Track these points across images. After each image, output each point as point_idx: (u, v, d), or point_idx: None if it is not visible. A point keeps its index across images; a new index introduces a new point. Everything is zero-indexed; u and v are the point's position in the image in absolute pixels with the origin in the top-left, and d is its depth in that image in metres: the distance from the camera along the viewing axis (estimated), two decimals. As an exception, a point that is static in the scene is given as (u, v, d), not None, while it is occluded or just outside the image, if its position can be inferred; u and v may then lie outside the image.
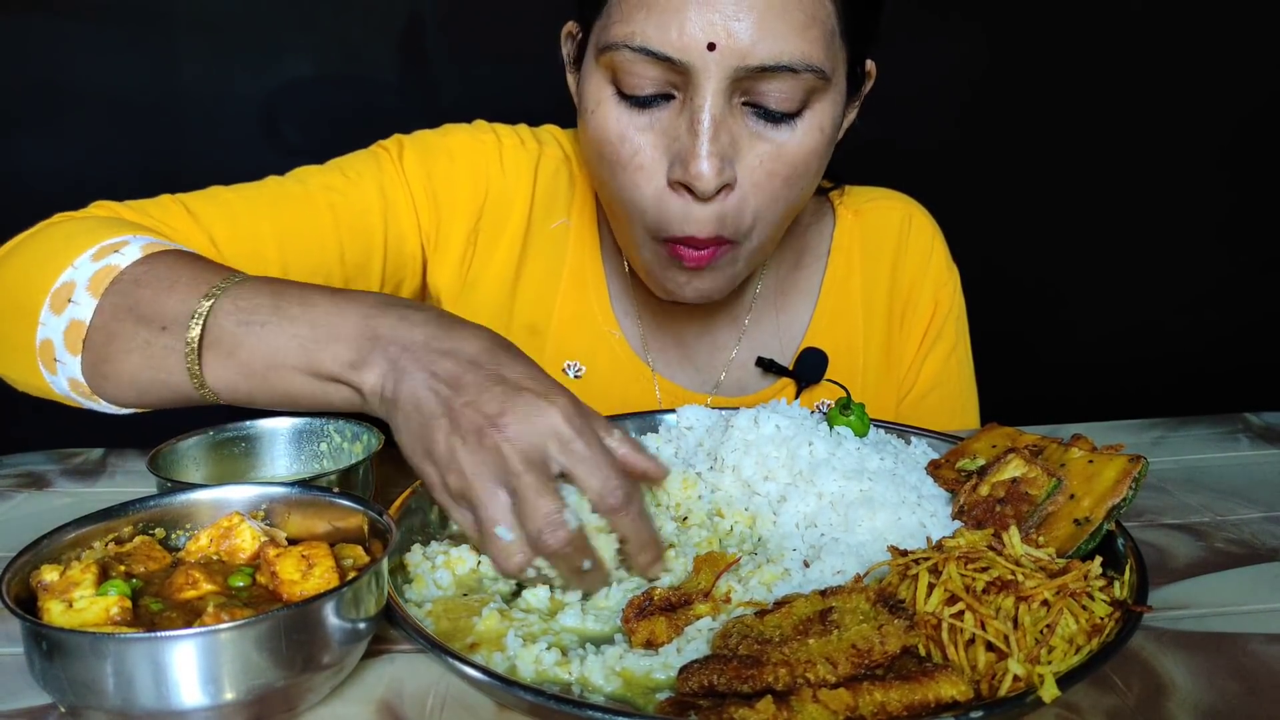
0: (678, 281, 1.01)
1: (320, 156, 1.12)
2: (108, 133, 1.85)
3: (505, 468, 0.68)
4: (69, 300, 0.84)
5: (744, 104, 0.92)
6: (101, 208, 0.98)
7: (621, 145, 0.94)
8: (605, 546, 0.72)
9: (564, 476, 0.71)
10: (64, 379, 0.86)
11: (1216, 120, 2.18)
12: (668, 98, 0.92)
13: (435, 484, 0.72)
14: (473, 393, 0.70)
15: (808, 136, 0.94)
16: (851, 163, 1.16)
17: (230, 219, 1.00)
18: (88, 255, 0.86)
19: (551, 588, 0.73)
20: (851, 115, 1.06)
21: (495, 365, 0.72)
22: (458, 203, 1.12)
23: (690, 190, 0.92)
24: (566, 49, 1.05)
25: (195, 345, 0.80)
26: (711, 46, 0.87)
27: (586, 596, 0.73)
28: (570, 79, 1.06)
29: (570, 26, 1.03)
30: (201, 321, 0.80)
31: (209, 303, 0.80)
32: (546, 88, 1.19)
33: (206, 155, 1.89)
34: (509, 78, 1.91)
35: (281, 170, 1.09)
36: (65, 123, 1.84)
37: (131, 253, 0.86)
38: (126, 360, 0.83)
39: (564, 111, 1.19)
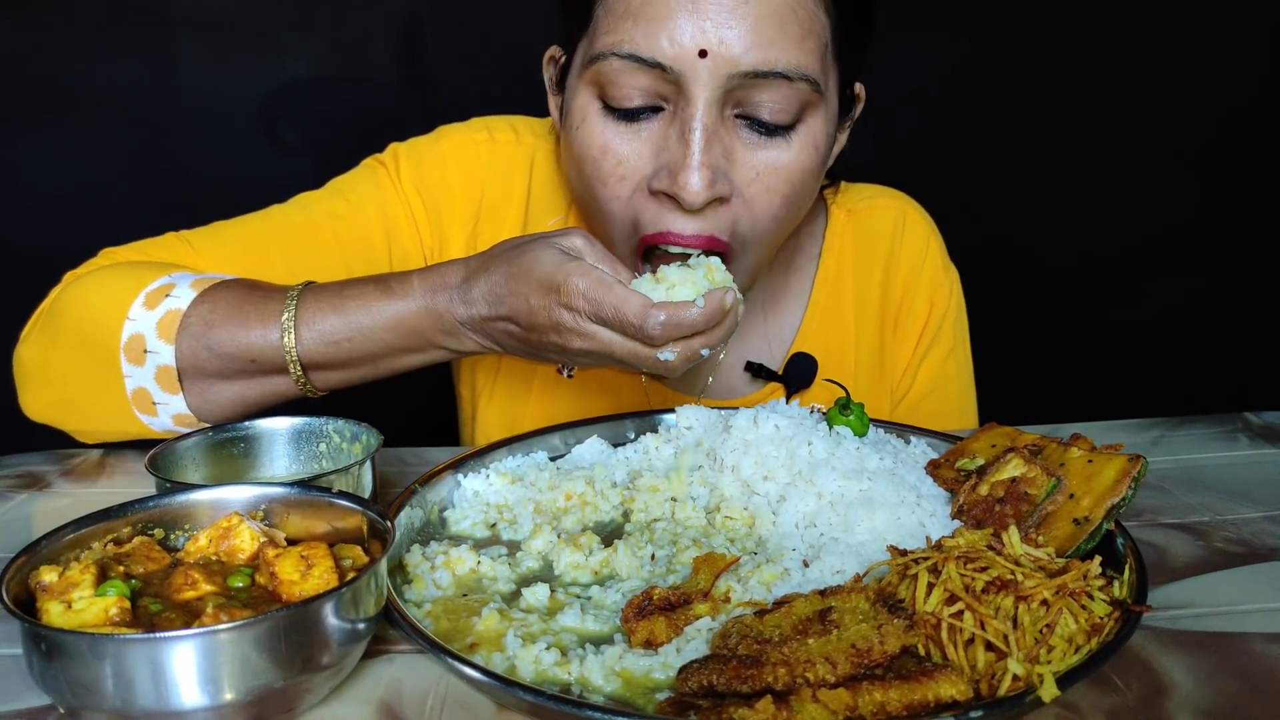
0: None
1: (319, 156, 1.12)
2: (107, 132, 1.85)
3: (600, 317, 0.81)
4: (145, 350, 0.91)
5: (737, 116, 0.90)
6: (108, 257, 1.02)
7: (604, 157, 0.92)
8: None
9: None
10: (167, 417, 0.94)
11: (1216, 120, 2.19)
12: (656, 110, 0.91)
13: (588, 363, 0.86)
14: (535, 329, 0.84)
15: (803, 152, 0.92)
16: (857, 163, 1.15)
17: (238, 255, 1.04)
18: (139, 304, 0.92)
19: (552, 589, 0.74)
20: (842, 139, 1.05)
21: (523, 300, 0.84)
22: (454, 209, 1.12)
23: (676, 201, 0.89)
24: (549, 74, 1.04)
25: (299, 372, 0.92)
26: (703, 53, 0.85)
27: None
28: (552, 103, 1.05)
29: (553, 51, 1.03)
30: (295, 354, 0.90)
31: (289, 337, 0.90)
32: (545, 88, 1.19)
33: (206, 155, 1.88)
34: (507, 78, 1.90)
35: (279, 171, 1.09)
36: (65, 123, 1.84)
37: (184, 293, 0.93)
38: (229, 389, 0.93)
39: (563, 111, 1.19)
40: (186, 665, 0.54)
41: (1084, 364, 2.28)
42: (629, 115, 0.91)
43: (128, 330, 0.91)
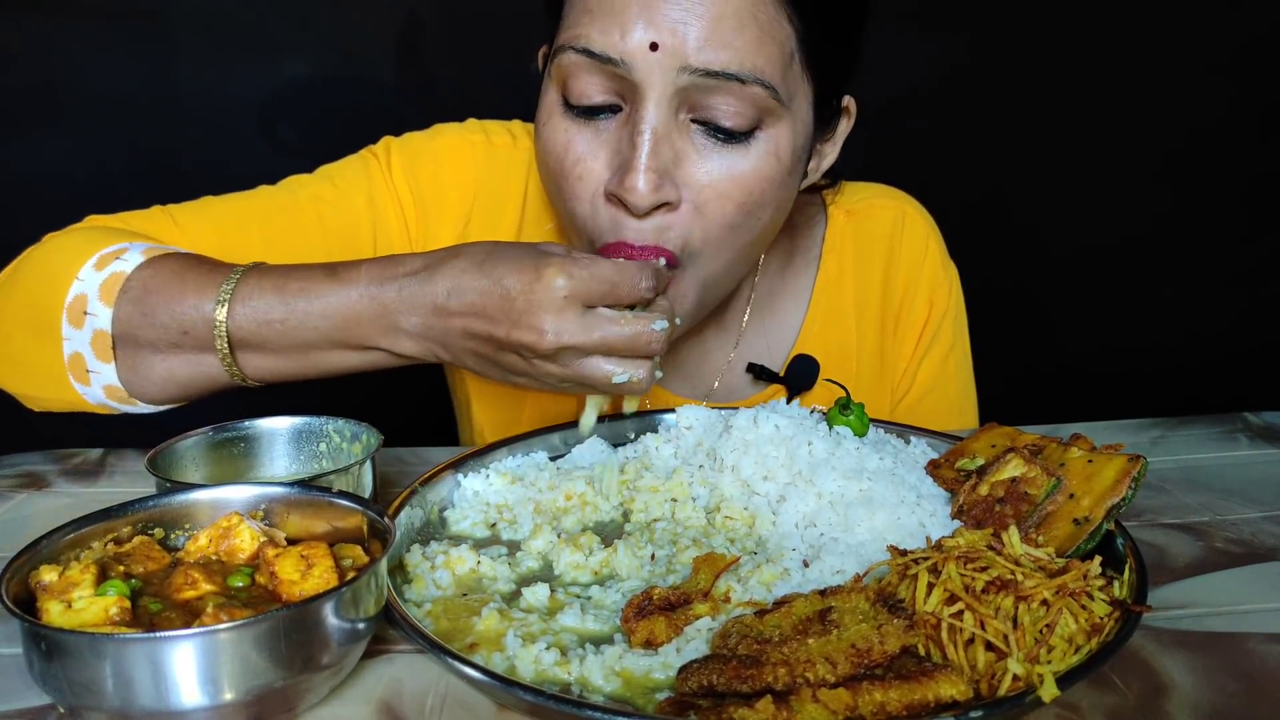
0: None
1: (318, 156, 1.12)
2: (107, 132, 1.85)
3: (583, 350, 0.77)
4: (84, 313, 0.87)
5: (692, 120, 0.88)
6: (90, 222, 1.00)
7: (565, 156, 0.91)
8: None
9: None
10: (99, 388, 0.90)
11: (1217, 119, 2.19)
12: (615, 109, 0.90)
13: (540, 387, 0.81)
14: (502, 319, 0.77)
15: (762, 161, 0.90)
16: (856, 162, 1.15)
17: (218, 230, 1.01)
18: (90, 265, 0.89)
19: (552, 589, 0.74)
20: (831, 153, 1.04)
21: (496, 284, 0.78)
22: (445, 207, 1.11)
23: (625, 205, 0.88)
24: (541, 70, 1.04)
25: (226, 349, 0.86)
26: (654, 46, 0.84)
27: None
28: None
29: (544, 48, 1.02)
30: (224, 328, 0.85)
31: (223, 309, 0.85)
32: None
33: (205, 154, 1.89)
34: (506, 78, 1.90)
35: (278, 170, 1.09)
36: (65, 122, 1.84)
37: (133, 258, 0.89)
38: (162, 362, 0.89)
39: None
40: (186, 665, 0.54)
41: (1084, 364, 2.29)
42: (588, 113, 0.90)
43: (73, 290, 0.88)
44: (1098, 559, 0.70)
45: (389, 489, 0.92)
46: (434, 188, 1.10)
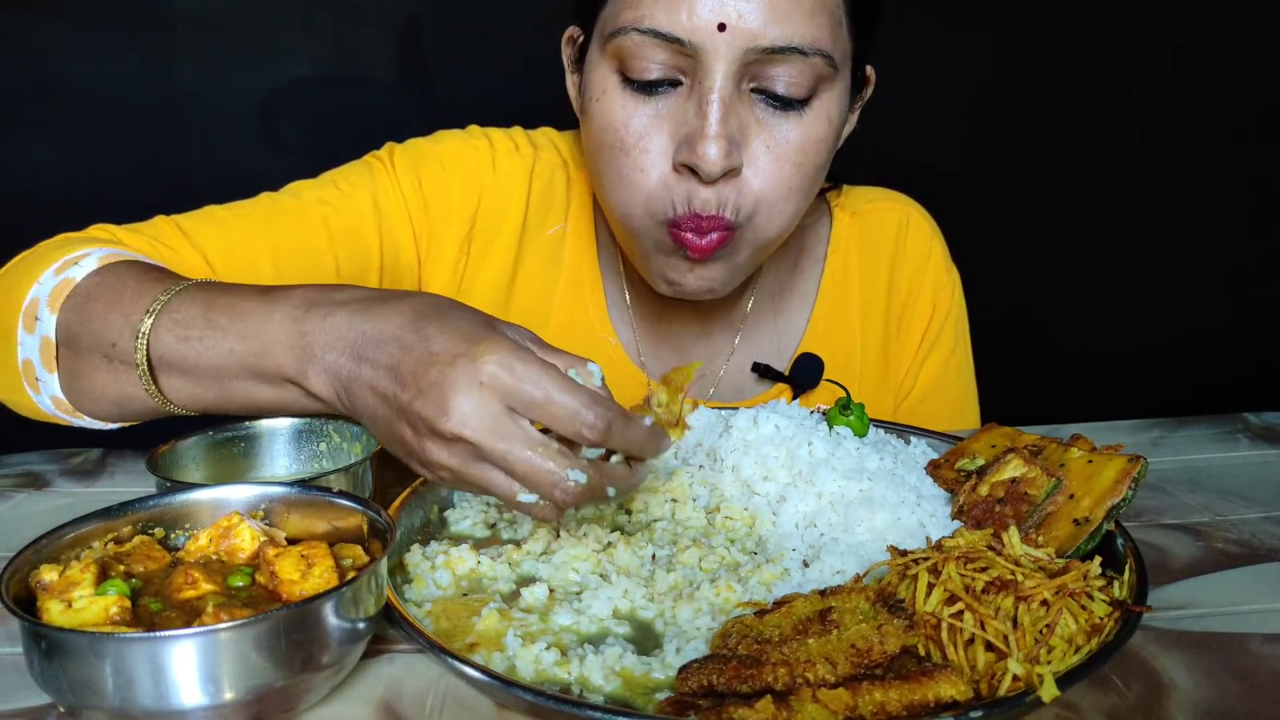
0: (680, 271, 0.99)
1: (319, 156, 1.12)
2: (107, 132, 1.85)
3: (480, 453, 0.66)
4: (35, 318, 0.85)
5: (752, 90, 0.92)
6: (100, 229, 0.99)
7: (626, 131, 0.93)
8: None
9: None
10: (47, 397, 0.87)
11: (1216, 120, 2.19)
12: (674, 84, 0.92)
13: (434, 479, 0.71)
14: (412, 384, 0.67)
15: (816, 125, 0.94)
16: (851, 164, 1.15)
17: (224, 237, 1.01)
18: (51, 271, 0.87)
19: (552, 589, 0.74)
20: (852, 120, 1.06)
21: (424, 342, 0.68)
22: (450, 210, 1.11)
23: (695, 172, 0.91)
24: (567, 54, 1.05)
25: (144, 365, 0.80)
26: (722, 27, 0.87)
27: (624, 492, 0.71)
28: (571, 82, 1.05)
29: (572, 31, 1.03)
30: (145, 341, 0.80)
31: (149, 320, 0.80)
32: (544, 88, 1.18)
33: (206, 155, 1.89)
34: (507, 78, 1.91)
35: (278, 170, 1.09)
36: (65, 123, 1.84)
37: (89, 264, 0.86)
38: (94, 378, 0.84)
39: (562, 113, 1.19)
40: (186, 664, 0.54)
41: (1084, 364, 2.29)
42: (648, 88, 0.92)
43: (30, 295, 0.85)
44: (1098, 559, 0.70)
45: (389, 489, 0.92)
46: (439, 191, 1.11)
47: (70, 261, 0.87)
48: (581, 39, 1.01)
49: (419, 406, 0.66)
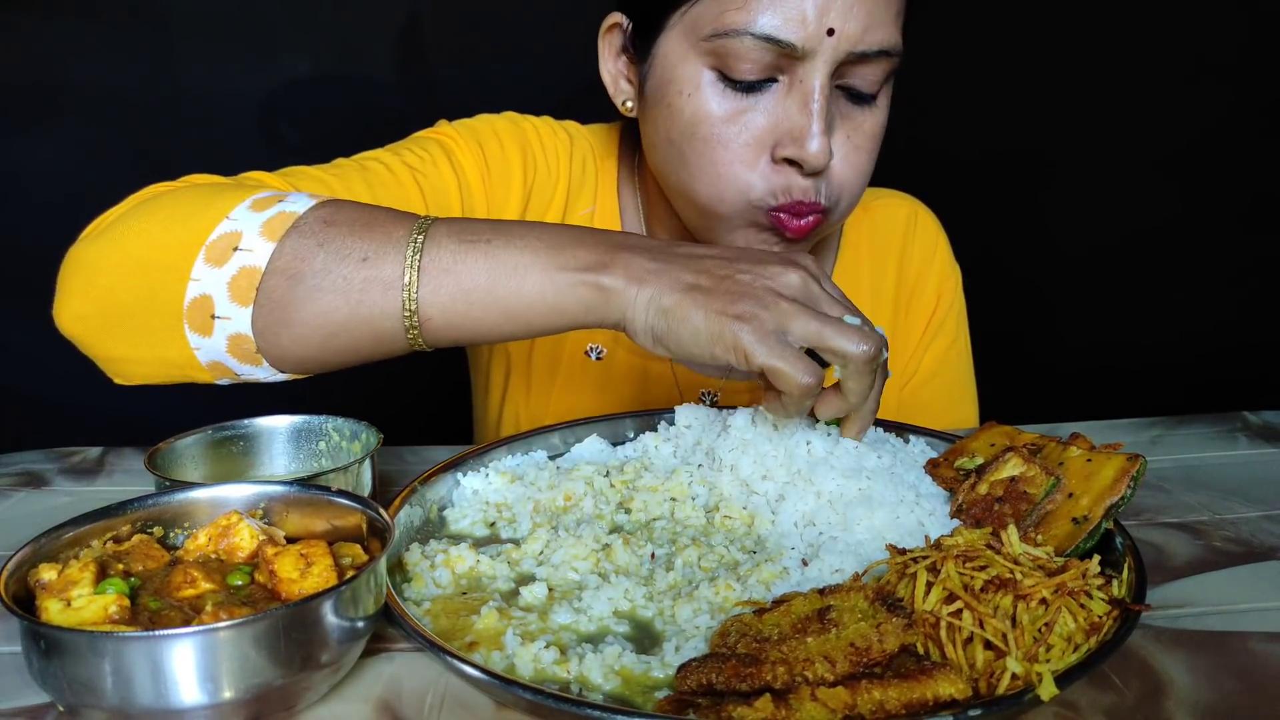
0: (770, 246, 1.02)
1: (319, 156, 1.12)
2: (107, 132, 1.85)
3: (809, 290, 0.78)
4: (235, 249, 0.78)
5: (837, 86, 0.96)
6: (249, 176, 0.95)
7: (726, 125, 0.96)
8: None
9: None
10: (223, 337, 0.79)
11: (1216, 118, 2.18)
12: (771, 81, 0.95)
13: (752, 339, 0.74)
14: (740, 260, 0.78)
15: (882, 114, 1.00)
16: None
17: (349, 194, 0.97)
18: (244, 207, 0.80)
19: (551, 588, 0.74)
20: None
21: (735, 261, 0.79)
22: (511, 180, 1.14)
23: (798, 165, 0.95)
24: (611, 40, 1.06)
25: (416, 262, 0.76)
26: (831, 32, 0.91)
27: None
28: (615, 68, 1.06)
29: (617, 18, 1.04)
30: (420, 244, 0.77)
31: (419, 235, 0.77)
32: (545, 86, 1.19)
33: (206, 154, 1.88)
34: (507, 77, 1.91)
35: (280, 168, 1.08)
36: (65, 122, 1.84)
37: (302, 200, 0.81)
38: (317, 301, 0.77)
39: (563, 111, 1.20)
40: (186, 663, 0.54)
41: (1083, 363, 2.29)
42: (748, 87, 0.96)
43: (221, 228, 0.78)
44: (1096, 558, 0.70)
45: (388, 487, 0.92)
46: (501, 162, 1.13)
47: (272, 199, 0.81)
48: (631, 28, 1.02)
49: (758, 269, 0.78)
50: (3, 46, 1.78)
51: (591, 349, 1.19)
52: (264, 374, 0.82)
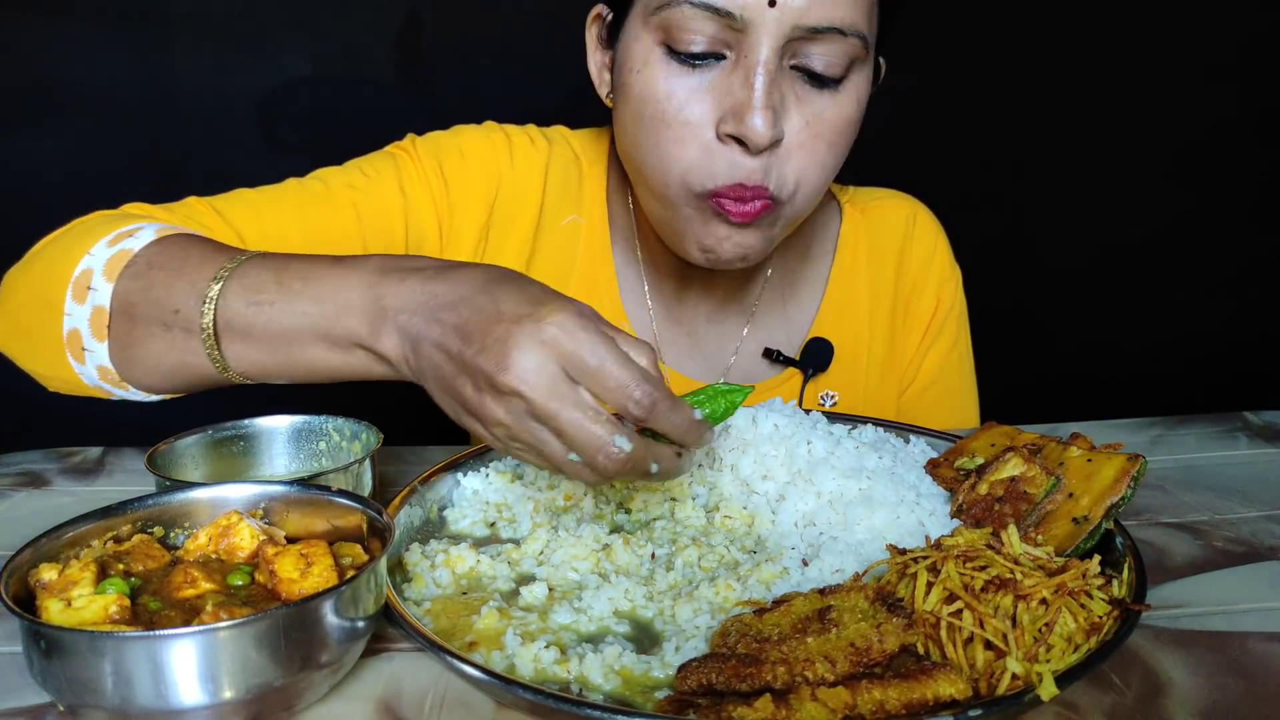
0: (718, 236, 0.99)
1: (319, 155, 1.12)
2: (107, 132, 1.85)
3: (534, 410, 0.68)
4: (88, 287, 0.85)
5: (792, 67, 0.94)
6: (135, 208, 0.99)
7: (669, 101, 0.95)
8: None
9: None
10: (93, 367, 0.87)
11: (1215, 118, 2.18)
12: (719, 57, 0.94)
13: (485, 437, 0.72)
14: (478, 340, 0.69)
15: (848, 104, 0.97)
16: (854, 162, 1.15)
17: (258, 218, 1.01)
18: (103, 243, 0.87)
19: (551, 587, 0.74)
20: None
21: (493, 302, 0.70)
22: (470, 199, 1.13)
23: (741, 143, 0.93)
24: (593, 32, 1.06)
25: (210, 330, 0.81)
26: (772, 3, 0.89)
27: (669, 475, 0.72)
28: (596, 62, 1.07)
29: (599, 9, 1.04)
30: (213, 306, 0.80)
31: (217, 286, 0.81)
32: (545, 87, 1.19)
33: (205, 154, 1.88)
34: (507, 77, 1.91)
35: (278, 170, 1.09)
36: (65, 122, 1.84)
37: (145, 236, 0.87)
38: (150, 345, 0.84)
39: (563, 111, 1.19)
40: (186, 663, 0.54)
41: (1083, 363, 2.29)
42: (692, 60, 0.94)
43: (81, 265, 0.86)
44: (1097, 558, 0.70)
45: (388, 487, 0.92)
46: (460, 179, 1.12)
47: (125, 234, 0.87)
48: (610, 17, 1.02)
49: (481, 360, 0.68)
50: (3, 46, 1.78)
51: None
52: (139, 396, 0.90)
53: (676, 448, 0.72)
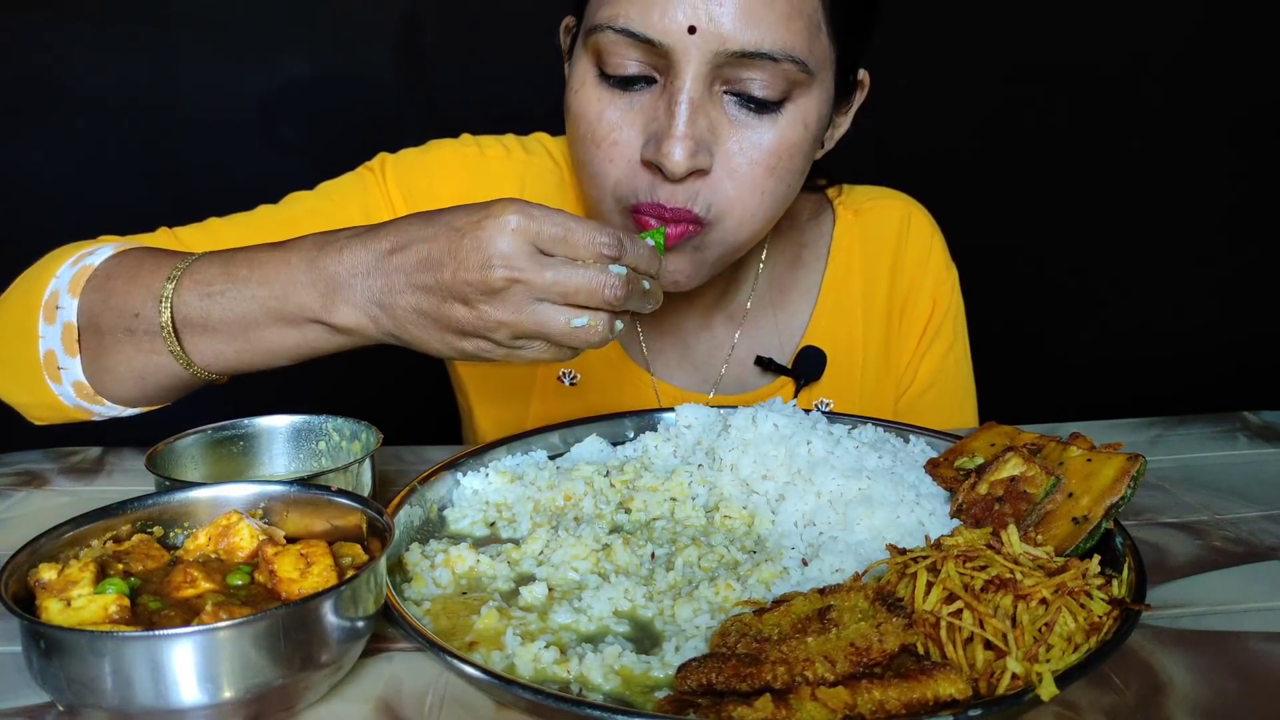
0: None
1: (318, 156, 1.12)
2: (107, 132, 1.85)
3: (532, 290, 0.71)
4: (57, 307, 0.89)
5: (725, 92, 0.92)
6: (104, 239, 1.01)
7: (599, 123, 0.95)
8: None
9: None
10: (69, 385, 0.90)
11: (1217, 120, 2.19)
12: (650, 81, 0.93)
13: (490, 351, 0.74)
14: (449, 260, 0.72)
15: (791, 130, 0.94)
16: (853, 161, 1.16)
17: (216, 245, 1.01)
18: (68, 264, 0.91)
19: (551, 588, 0.74)
20: (844, 124, 1.06)
21: (442, 226, 0.74)
22: None
23: (661, 170, 0.91)
24: (565, 43, 1.06)
25: (169, 327, 0.84)
26: (692, 30, 0.87)
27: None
28: (567, 71, 1.06)
29: (568, 20, 1.04)
30: (169, 304, 0.84)
31: (171, 285, 0.84)
32: (543, 88, 1.18)
33: (205, 154, 1.88)
34: (505, 78, 1.91)
35: (278, 170, 1.09)
36: (65, 122, 1.84)
37: (104, 252, 0.91)
38: (117, 353, 0.87)
39: (561, 111, 1.19)
40: (186, 663, 0.54)
41: (1083, 362, 2.29)
42: (623, 84, 0.93)
43: (49, 288, 0.90)
44: (1096, 558, 0.70)
45: (388, 487, 0.92)
46: (428, 199, 1.12)
47: (86, 254, 0.91)
48: (575, 27, 1.02)
49: (463, 274, 0.72)
50: (3, 46, 1.78)
51: (564, 374, 1.18)
52: (116, 411, 0.93)
53: (645, 277, 0.77)
